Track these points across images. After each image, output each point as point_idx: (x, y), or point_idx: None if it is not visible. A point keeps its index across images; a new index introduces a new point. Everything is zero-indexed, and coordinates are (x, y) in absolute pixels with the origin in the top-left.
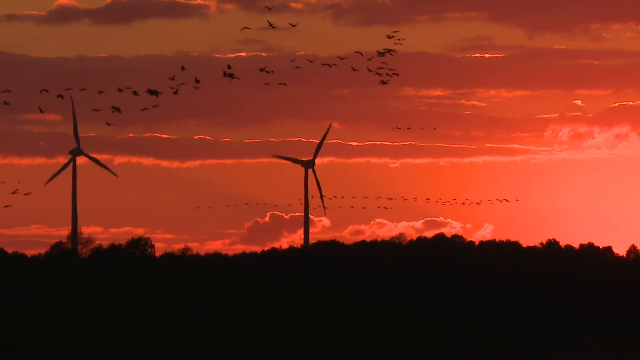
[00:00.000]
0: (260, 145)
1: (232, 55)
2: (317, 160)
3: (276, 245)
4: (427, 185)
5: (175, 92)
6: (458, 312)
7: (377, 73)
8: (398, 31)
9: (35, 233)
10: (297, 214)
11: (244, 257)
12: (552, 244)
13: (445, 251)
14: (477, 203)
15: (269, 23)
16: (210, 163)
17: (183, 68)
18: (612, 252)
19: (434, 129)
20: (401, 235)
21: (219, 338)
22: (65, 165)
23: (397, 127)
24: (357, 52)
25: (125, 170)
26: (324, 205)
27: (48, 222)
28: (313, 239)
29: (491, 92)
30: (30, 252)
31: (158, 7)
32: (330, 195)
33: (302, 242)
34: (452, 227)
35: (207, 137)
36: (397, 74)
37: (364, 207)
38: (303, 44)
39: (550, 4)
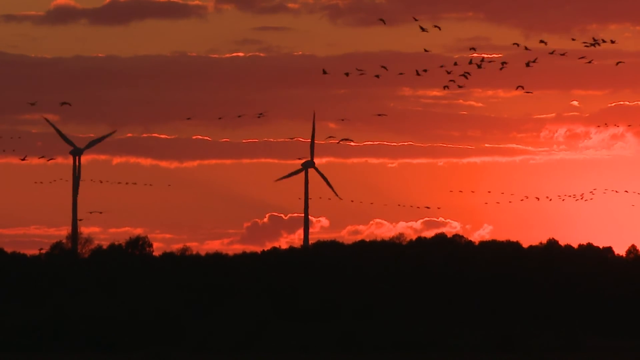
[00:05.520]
0: (258, 145)
1: (230, 56)
2: (316, 160)
3: (275, 245)
4: (426, 185)
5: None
6: (458, 312)
7: None
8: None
9: (35, 233)
10: (296, 214)
11: (244, 256)
12: (552, 244)
13: (446, 251)
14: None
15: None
16: (208, 163)
17: (324, 72)
18: (612, 252)
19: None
20: (401, 235)
21: (218, 338)
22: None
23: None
24: (515, 43)
25: (124, 170)
26: (337, 195)
27: (48, 222)
28: (312, 239)
29: (488, 93)
30: (30, 252)
31: (156, 8)
32: (329, 196)
33: (301, 242)
34: (452, 227)
35: (206, 138)
36: None
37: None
38: (300, 44)
39: (547, 4)
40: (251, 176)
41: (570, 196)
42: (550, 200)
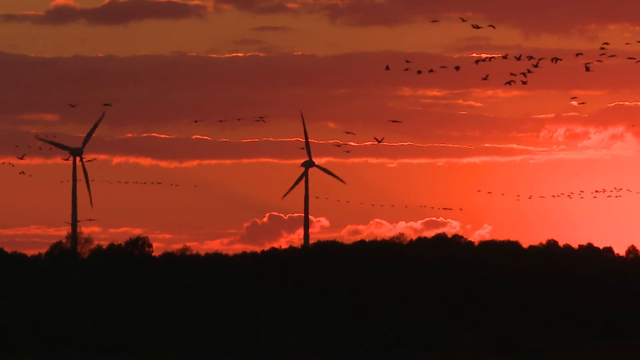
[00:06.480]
0: (258, 145)
1: (229, 56)
2: (316, 161)
3: (275, 245)
4: (425, 185)
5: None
6: (458, 312)
7: None
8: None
9: (35, 233)
10: (296, 214)
11: (244, 256)
12: (552, 244)
13: (446, 251)
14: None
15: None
16: (208, 163)
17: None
18: (612, 252)
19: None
20: (401, 235)
21: (219, 338)
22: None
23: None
24: (578, 53)
25: (123, 170)
26: (342, 180)
27: (48, 222)
28: (312, 239)
29: (488, 93)
30: (30, 252)
31: (155, 8)
32: (329, 196)
33: (301, 242)
34: (452, 227)
35: (206, 137)
36: None
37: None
38: (300, 44)
39: (546, 4)
40: (251, 176)
41: (600, 191)
42: (582, 197)
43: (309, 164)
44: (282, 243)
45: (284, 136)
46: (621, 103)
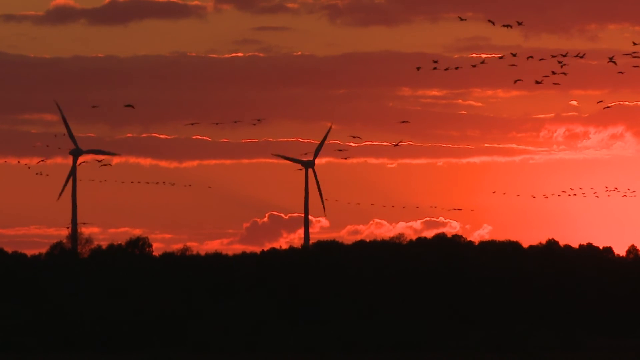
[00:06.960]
0: (258, 145)
1: (229, 56)
2: (316, 161)
3: (275, 245)
4: (425, 185)
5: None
6: (458, 312)
7: None
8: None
9: (35, 233)
10: (296, 214)
11: (244, 256)
12: (552, 244)
13: (446, 251)
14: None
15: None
16: (208, 163)
17: (419, 68)
18: (612, 252)
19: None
20: (401, 235)
21: (219, 338)
22: (70, 173)
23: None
24: (611, 59)
25: (124, 170)
26: (324, 206)
27: (48, 222)
28: (311, 239)
29: (488, 92)
30: (30, 252)
31: (155, 8)
32: (329, 196)
33: (301, 242)
34: (452, 227)
35: (205, 138)
36: None
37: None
38: (300, 44)
39: (546, 4)
40: (251, 176)
41: (612, 190)
42: (597, 196)
43: (308, 164)
44: (282, 243)
45: (284, 136)
46: (621, 103)
